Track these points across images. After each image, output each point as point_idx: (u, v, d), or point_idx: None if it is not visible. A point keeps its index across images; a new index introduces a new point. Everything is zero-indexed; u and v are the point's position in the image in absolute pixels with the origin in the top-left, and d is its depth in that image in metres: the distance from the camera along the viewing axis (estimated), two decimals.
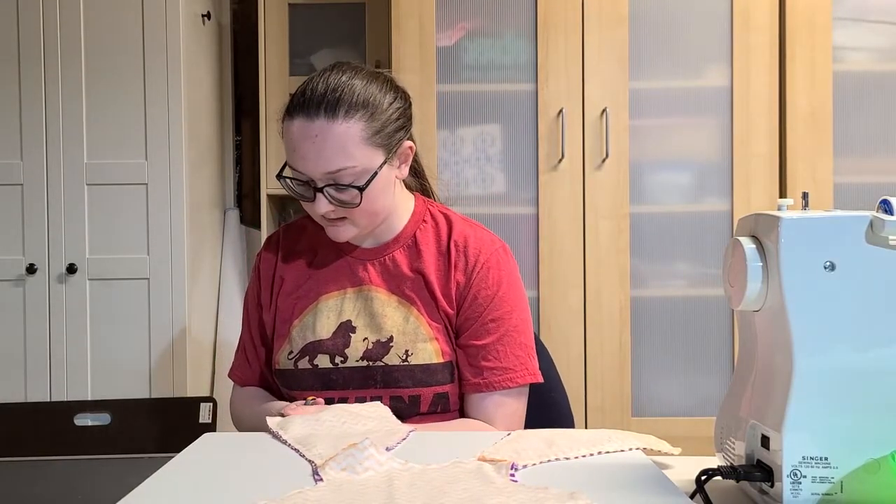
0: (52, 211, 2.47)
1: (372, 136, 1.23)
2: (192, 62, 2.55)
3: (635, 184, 2.39)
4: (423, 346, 1.28)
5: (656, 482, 0.86)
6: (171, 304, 2.45)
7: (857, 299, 0.80)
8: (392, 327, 1.29)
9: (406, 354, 1.27)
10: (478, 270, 1.31)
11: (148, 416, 2.43)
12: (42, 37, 2.45)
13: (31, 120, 2.46)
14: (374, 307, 1.31)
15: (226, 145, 2.88)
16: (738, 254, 0.85)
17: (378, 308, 1.30)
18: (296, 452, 0.99)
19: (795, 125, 2.36)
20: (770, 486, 0.82)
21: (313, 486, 0.86)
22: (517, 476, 0.87)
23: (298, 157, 1.23)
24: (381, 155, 1.24)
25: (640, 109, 2.40)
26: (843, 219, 0.81)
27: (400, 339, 1.28)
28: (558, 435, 1.05)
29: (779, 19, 2.37)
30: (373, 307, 1.31)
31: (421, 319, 1.29)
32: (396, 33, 2.41)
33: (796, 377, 0.79)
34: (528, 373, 1.30)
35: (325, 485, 0.86)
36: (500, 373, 1.28)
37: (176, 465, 0.96)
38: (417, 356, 1.27)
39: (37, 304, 2.46)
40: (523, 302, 1.34)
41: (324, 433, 1.05)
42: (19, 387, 2.45)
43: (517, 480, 0.85)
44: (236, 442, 1.10)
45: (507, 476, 0.86)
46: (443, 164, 2.41)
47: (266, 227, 2.75)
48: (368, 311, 1.31)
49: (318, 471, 0.89)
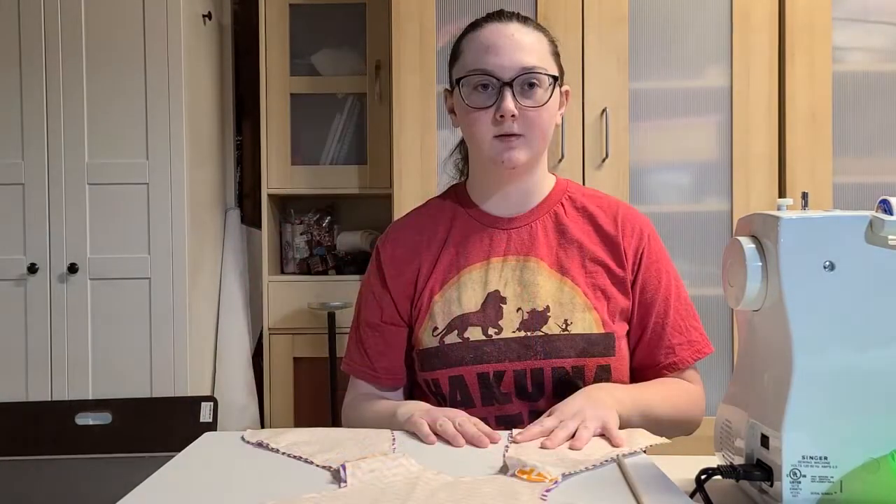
0: (53, 210, 2.47)
1: (553, 54, 1.27)
2: (193, 62, 2.55)
3: (635, 184, 2.39)
4: (583, 315, 1.23)
5: (656, 482, 0.86)
6: (171, 303, 2.46)
7: (857, 299, 0.80)
8: (547, 296, 1.24)
9: (565, 324, 1.23)
10: (645, 243, 1.29)
11: (148, 415, 2.44)
12: (43, 36, 2.46)
13: (32, 120, 2.46)
14: (525, 276, 1.26)
15: (226, 145, 2.88)
16: (738, 254, 0.85)
17: (529, 277, 1.26)
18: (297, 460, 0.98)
19: (795, 125, 2.36)
20: (770, 486, 0.82)
21: (335, 489, 0.85)
22: (548, 496, 0.82)
23: (491, 55, 1.22)
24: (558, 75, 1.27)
25: (639, 109, 2.40)
26: (843, 219, 0.81)
27: (557, 308, 1.24)
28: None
29: (779, 19, 2.37)
30: (523, 276, 1.26)
31: (577, 290, 1.25)
32: (396, 33, 2.41)
33: (796, 377, 0.79)
34: (707, 343, 1.30)
35: (346, 488, 0.85)
36: (687, 347, 1.27)
37: (176, 465, 0.96)
38: (577, 325, 1.23)
39: (38, 303, 2.46)
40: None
41: (315, 439, 1.04)
42: (20, 386, 2.45)
43: (546, 500, 0.81)
44: (237, 442, 1.10)
45: (537, 496, 0.81)
46: (443, 163, 2.41)
47: (266, 226, 2.75)
48: (518, 280, 1.26)
49: (345, 475, 0.87)
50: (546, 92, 1.23)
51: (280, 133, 2.72)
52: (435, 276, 1.30)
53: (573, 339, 1.22)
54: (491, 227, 1.31)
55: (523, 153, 1.24)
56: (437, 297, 1.28)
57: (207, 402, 2.47)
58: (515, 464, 0.89)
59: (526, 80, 1.22)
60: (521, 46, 1.22)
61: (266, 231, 2.76)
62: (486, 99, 1.23)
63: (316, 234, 2.88)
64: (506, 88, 1.21)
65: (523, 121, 1.22)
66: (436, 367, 1.25)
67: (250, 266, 2.89)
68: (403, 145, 2.42)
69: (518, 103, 1.21)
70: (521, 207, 1.32)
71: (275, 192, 2.75)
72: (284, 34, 2.72)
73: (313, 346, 2.70)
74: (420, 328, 1.29)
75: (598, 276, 1.26)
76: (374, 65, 2.69)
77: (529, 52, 1.23)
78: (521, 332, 1.23)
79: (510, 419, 1.23)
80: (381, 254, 1.35)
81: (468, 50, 1.26)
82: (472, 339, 1.24)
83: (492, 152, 1.25)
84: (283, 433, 1.07)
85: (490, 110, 1.22)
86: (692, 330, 1.29)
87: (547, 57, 1.25)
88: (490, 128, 1.23)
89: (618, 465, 0.92)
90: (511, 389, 1.23)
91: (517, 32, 1.24)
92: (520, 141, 1.24)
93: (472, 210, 1.33)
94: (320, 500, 0.81)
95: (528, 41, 1.24)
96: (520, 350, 1.22)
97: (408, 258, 1.33)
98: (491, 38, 1.23)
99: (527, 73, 1.21)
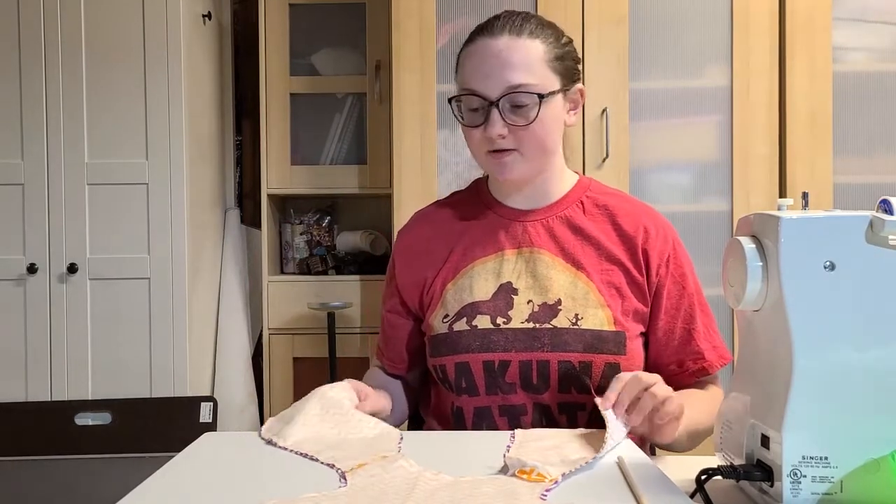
0: (52, 210, 2.47)
1: (553, 61, 1.23)
2: (193, 62, 2.55)
3: (635, 184, 2.39)
4: (595, 311, 1.23)
5: (656, 482, 0.86)
6: (171, 303, 2.46)
7: (857, 299, 0.80)
8: (559, 290, 1.24)
9: (576, 318, 1.22)
10: (671, 248, 1.29)
11: (148, 415, 2.44)
12: (43, 36, 2.46)
13: (31, 119, 2.46)
14: (538, 269, 1.26)
15: (226, 145, 2.88)
16: (738, 254, 0.85)
17: (542, 270, 1.26)
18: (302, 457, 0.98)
19: (795, 125, 2.36)
20: (770, 486, 0.82)
21: (335, 489, 0.85)
22: (548, 496, 0.82)
23: (480, 76, 1.22)
24: (558, 83, 1.24)
25: (640, 109, 2.40)
26: (843, 219, 0.81)
27: (569, 302, 1.23)
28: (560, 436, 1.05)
29: (779, 19, 2.37)
30: (536, 269, 1.26)
31: (591, 285, 1.25)
32: (396, 33, 2.41)
33: (796, 377, 0.79)
34: (727, 350, 1.30)
35: (346, 488, 0.85)
36: (713, 352, 1.28)
37: (176, 465, 0.96)
38: (588, 321, 1.22)
39: (37, 303, 2.46)
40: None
41: (323, 437, 1.05)
42: (20, 386, 2.45)
43: (546, 499, 0.81)
44: (237, 441, 1.10)
45: (537, 496, 0.81)
46: (443, 163, 2.41)
47: (266, 226, 2.75)
48: (531, 273, 1.26)
49: (346, 476, 0.87)
50: (534, 108, 1.21)
51: (280, 133, 2.72)
52: (448, 265, 1.31)
53: (582, 334, 1.21)
54: (506, 218, 1.32)
55: (518, 168, 1.25)
56: (449, 286, 1.29)
57: (207, 403, 2.47)
58: (515, 464, 0.89)
59: (513, 98, 1.21)
60: (508, 64, 1.20)
61: (266, 231, 2.76)
62: (476, 117, 1.24)
63: (316, 234, 2.88)
64: (492, 108, 1.21)
65: (515, 136, 1.23)
66: (443, 353, 1.26)
67: (250, 266, 2.89)
68: (403, 145, 2.42)
69: (507, 121, 1.21)
70: (537, 203, 1.32)
71: (274, 192, 2.75)
72: (284, 34, 2.72)
73: (313, 346, 2.70)
74: (431, 315, 1.30)
75: (613, 274, 1.26)
76: (374, 65, 2.69)
77: (517, 68, 1.21)
78: (529, 323, 1.23)
79: (514, 410, 1.23)
80: (397, 244, 1.39)
81: (462, 65, 1.27)
82: (479, 326, 1.24)
83: (486, 167, 1.28)
84: (292, 427, 1.06)
85: (481, 129, 1.23)
86: (715, 336, 1.30)
87: (539, 68, 1.22)
88: (483, 144, 1.24)
89: (618, 465, 0.92)
90: (516, 380, 1.22)
91: (506, 49, 1.21)
92: (513, 156, 1.24)
93: (489, 202, 1.34)
94: (320, 500, 0.81)
95: (517, 57, 1.21)
96: (527, 341, 1.22)
97: (420, 249, 1.35)
98: (479, 57, 1.23)
99: (512, 92, 1.20)
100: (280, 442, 1.03)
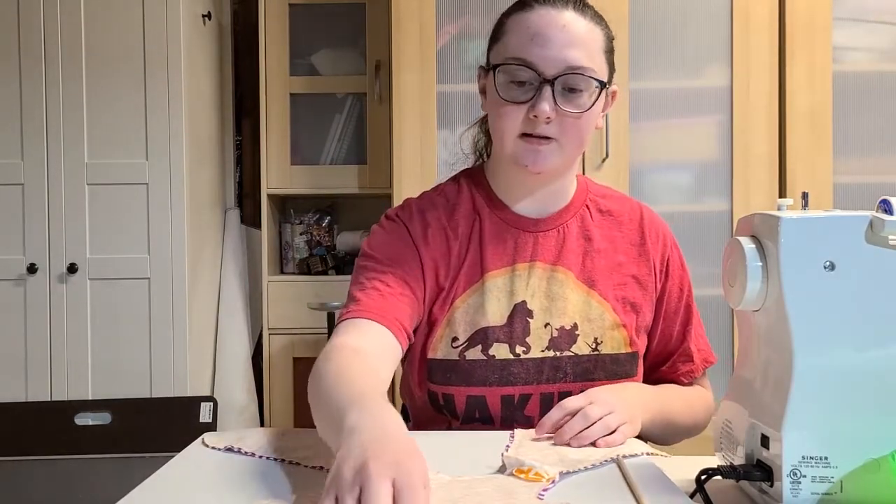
0: (52, 211, 2.47)
1: (607, 52, 1.14)
2: (193, 62, 2.55)
3: (635, 184, 2.39)
4: (612, 333, 1.16)
5: (656, 482, 0.86)
6: (171, 303, 2.46)
7: (857, 299, 0.79)
8: (575, 312, 1.15)
9: (595, 343, 1.15)
10: (669, 250, 1.24)
11: (148, 415, 2.44)
12: (43, 37, 2.45)
13: (31, 120, 2.46)
14: (552, 288, 1.16)
15: (226, 145, 2.88)
16: (738, 254, 0.85)
17: (556, 289, 1.16)
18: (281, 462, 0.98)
19: (795, 125, 2.36)
20: (770, 486, 0.82)
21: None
22: (545, 495, 0.81)
23: (537, 45, 1.08)
24: (606, 77, 1.14)
25: (640, 109, 2.40)
26: (843, 219, 0.80)
27: (585, 326, 1.15)
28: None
29: (779, 19, 2.37)
30: (550, 288, 1.16)
31: (605, 304, 1.16)
32: (396, 33, 2.41)
33: (796, 377, 0.79)
34: (711, 351, 1.28)
35: None
36: (703, 354, 1.25)
37: (176, 465, 0.96)
38: (607, 345, 1.15)
39: (37, 303, 2.46)
40: None
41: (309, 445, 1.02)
42: (20, 386, 2.45)
43: (543, 498, 0.81)
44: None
45: (535, 495, 0.81)
46: (443, 163, 2.41)
47: (266, 226, 2.75)
48: (546, 293, 1.16)
49: None
50: (591, 97, 1.10)
51: (280, 133, 2.72)
52: (463, 275, 1.17)
53: (602, 361, 1.15)
54: (516, 227, 1.19)
55: (552, 159, 1.12)
56: (458, 302, 1.16)
57: (207, 403, 2.47)
58: (513, 463, 0.89)
59: (570, 80, 1.08)
60: (572, 40, 1.08)
61: (266, 231, 2.76)
62: (521, 93, 1.09)
63: (315, 234, 2.88)
64: (545, 86, 1.08)
65: (559, 125, 1.10)
66: (453, 382, 1.14)
67: (250, 266, 2.89)
68: (403, 145, 2.41)
69: (557, 105, 1.08)
70: (548, 208, 1.20)
71: (274, 192, 2.75)
72: (284, 34, 2.72)
73: (313, 346, 2.70)
74: (435, 335, 1.16)
75: (627, 288, 1.19)
76: (374, 65, 2.69)
77: (581, 47, 1.09)
78: (550, 351, 1.15)
79: None
80: (410, 229, 1.18)
81: (513, 32, 1.12)
82: (497, 357, 1.14)
83: (515, 152, 1.12)
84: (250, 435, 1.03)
85: (523, 107, 1.09)
86: (703, 337, 1.28)
87: (598, 55, 1.11)
88: (518, 125, 1.10)
89: (618, 465, 0.92)
90: (535, 413, 1.14)
91: (572, 23, 1.09)
92: (550, 146, 1.11)
93: (495, 204, 1.20)
94: (317, 499, 0.80)
95: (582, 35, 1.09)
96: (549, 372, 1.15)
97: (440, 240, 1.18)
98: (540, 25, 1.09)
99: (573, 72, 1.08)
100: (246, 448, 0.99)
